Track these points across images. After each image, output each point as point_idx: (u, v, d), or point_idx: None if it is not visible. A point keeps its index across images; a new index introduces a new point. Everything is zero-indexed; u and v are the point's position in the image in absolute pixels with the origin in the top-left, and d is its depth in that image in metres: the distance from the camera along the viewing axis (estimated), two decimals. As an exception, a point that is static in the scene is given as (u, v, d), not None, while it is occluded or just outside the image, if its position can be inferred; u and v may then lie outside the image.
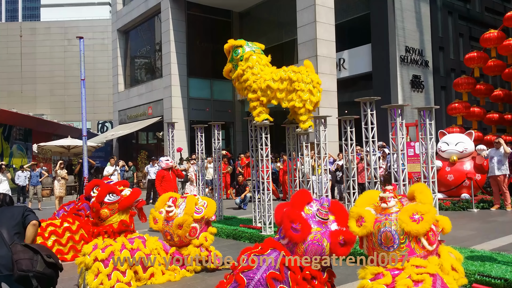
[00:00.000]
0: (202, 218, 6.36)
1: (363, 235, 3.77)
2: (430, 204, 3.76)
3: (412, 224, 3.58)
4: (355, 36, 19.24)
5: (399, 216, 3.67)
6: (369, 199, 3.98)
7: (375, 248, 3.74)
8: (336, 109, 16.85)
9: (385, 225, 3.67)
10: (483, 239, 7.55)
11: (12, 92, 57.01)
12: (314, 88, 7.92)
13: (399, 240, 3.62)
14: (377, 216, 3.78)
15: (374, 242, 3.73)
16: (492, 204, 11.38)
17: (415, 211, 3.66)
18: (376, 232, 3.71)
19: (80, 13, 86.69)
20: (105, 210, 5.98)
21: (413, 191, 3.88)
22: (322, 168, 7.91)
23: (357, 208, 3.88)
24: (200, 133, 11.01)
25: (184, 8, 24.41)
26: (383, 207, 3.79)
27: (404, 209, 3.72)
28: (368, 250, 3.83)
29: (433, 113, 7.07)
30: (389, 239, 3.63)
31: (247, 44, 8.37)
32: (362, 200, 3.98)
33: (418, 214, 3.63)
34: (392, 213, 3.75)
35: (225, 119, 24.60)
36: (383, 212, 3.79)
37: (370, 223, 3.72)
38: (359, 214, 3.81)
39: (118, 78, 30.01)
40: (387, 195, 3.84)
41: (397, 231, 3.63)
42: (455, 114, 16.47)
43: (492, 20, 21.97)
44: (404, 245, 3.62)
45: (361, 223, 3.76)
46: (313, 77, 7.95)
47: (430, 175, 6.90)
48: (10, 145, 26.19)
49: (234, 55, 8.32)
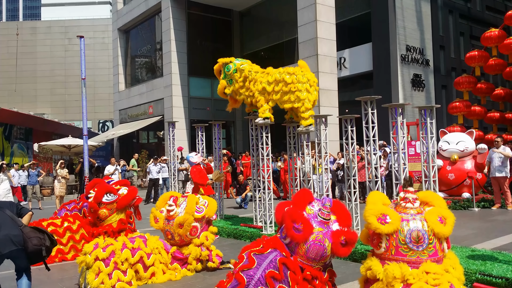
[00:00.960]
0: (203, 217, 6.36)
1: (389, 233, 3.71)
2: (449, 210, 3.87)
3: (441, 225, 3.68)
4: (356, 35, 19.22)
5: (428, 217, 3.73)
6: (378, 200, 3.95)
7: (400, 246, 3.71)
8: (336, 108, 16.84)
9: (415, 224, 3.71)
10: (484, 238, 7.54)
11: (12, 91, 57.02)
12: (311, 86, 7.94)
13: (428, 240, 3.68)
14: (401, 215, 3.79)
15: (400, 240, 3.70)
16: (493, 203, 11.36)
17: (440, 214, 3.75)
18: (403, 230, 3.71)
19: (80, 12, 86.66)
20: (103, 210, 5.99)
21: (426, 197, 3.97)
22: (322, 167, 7.90)
23: (377, 205, 3.84)
24: (200, 132, 11.00)
25: (184, 7, 24.40)
26: (408, 207, 3.83)
27: (430, 211, 3.79)
28: (388, 249, 3.76)
29: (434, 112, 7.05)
30: (420, 239, 3.67)
31: (236, 59, 8.67)
32: (374, 199, 3.95)
33: (442, 217, 3.74)
34: (415, 213, 3.80)
35: (226, 118, 24.59)
36: (405, 211, 3.83)
37: (398, 221, 3.71)
38: (380, 211, 3.77)
39: (118, 77, 30.02)
40: (412, 196, 3.89)
41: (427, 231, 3.68)
42: (456, 113, 16.46)
43: (493, 18, 21.95)
44: (432, 245, 3.69)
45: (385, 220, 3.72)
46: (309, 76, 7.97)
47: (431, 174, 6.89)
48: (11, 145, 26.20)
49: (226, 70, 8.52)
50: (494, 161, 11.16)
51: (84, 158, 12.34)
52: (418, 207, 3.86)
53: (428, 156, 6.92)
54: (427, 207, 3.90)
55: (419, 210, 3.84)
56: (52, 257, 7.26)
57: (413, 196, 3.89)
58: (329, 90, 16.69)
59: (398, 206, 3.90)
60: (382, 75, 17.68)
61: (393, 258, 3.75)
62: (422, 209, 3.89)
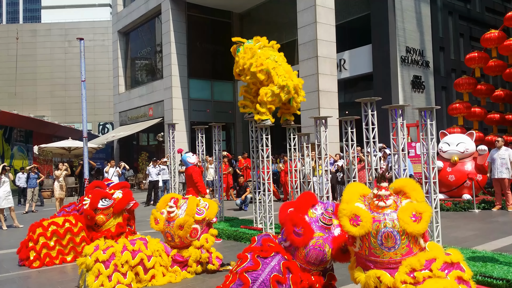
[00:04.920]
0: (203, 219, 6.35)
1: (361, 235, 3.63)
2: (425, 202, 3.73)
3: (413, 224, 3.54)
4: (356, 36, 19.23)
5: (400, 216, 3.59)
6: (355, 193, 3.85)
7: (373, 248, 3.64)
8: (336, 109, 16.84)
9: (386, 225, 3.59)
10: (484, 240, 7.53)
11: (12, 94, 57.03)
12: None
13: (400, 240, 3.57)
14: (374, 215, 3.67)
15: (373, 242, 3.62)
16: (493, 204, 11.35)
17: (414, 210, 3.61)
18: (375, 233, 3.60)
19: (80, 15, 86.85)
20: (100, 216, 5.96)
21: (403, 187, 3.80)
22: (322, 169, 7.89)
23: (349, 205, 3.73)
24: (200, 134, 11.00)
25: (184, 9, 24.43)
26: (381, 206, 3.68)
27: (403, 208, 3.65)
28: (363, 249, 3.72)
29: (434, 113, 7.04)
30: (391, 240, 3.56)
31: (248, 41, 8.67)
32: (349, 195, 3.83)
33: (417, 213, 3.59)
34: (389, 212, 3.66)
35: (226, 120, 24.61)
36: (378, 210, 3.69)
37: (368, 223, 3.61)
38: (352, 212, 3.68)
39: (118, 79, 30.04)
40: (384, 193, 3.73)
41: (399, 231, 3.57)
42: (456, 114, 16.45)
43: (492, 20, 21.96)
44: (404, 245, 3.59)
45: (357, 222, 3.63)
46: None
47: (431, 175, 6.88)
48: (11, 147, 26.18)
49: (238, 52, 8.54)
50: (496, 162, 11.15)
51: (84, 160, 12.34)
52: (392, 203, 3.71)
53: (428, 157, 6.91)
54: (404, 199, 3.76)
55: (393, 206, 3.70)
56: (53, 258, 7.26)
57: (386, 193, 3.73)
58: (329, 92, 16.69)
59: (371, 203, 3.77)
60: (382, 77, 17.69)
61: (368, 258, 3.71)
62: (398, 201, 3.74)
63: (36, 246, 7.28)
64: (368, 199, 3.83)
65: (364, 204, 3.79)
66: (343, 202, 3.79)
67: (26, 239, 7.46)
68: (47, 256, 7.24)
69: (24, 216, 14.34)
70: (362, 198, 3.85)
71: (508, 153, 11.12)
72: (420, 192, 3.75)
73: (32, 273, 6.89)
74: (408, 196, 3.75)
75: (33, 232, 7.42)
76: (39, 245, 7.28)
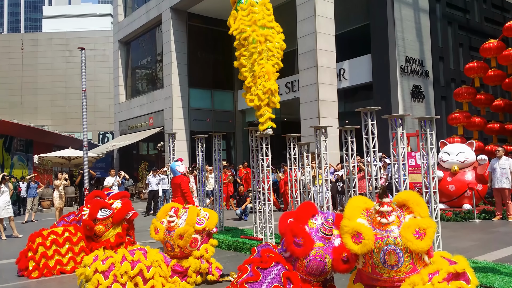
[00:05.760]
0: (204, 229, 6.33)
1: (363, 253, 3.57)
2: (429, 217, 3.66)
3: (417, 242, 3.46)
4: (355, 46, 19.31)
5: (403, 234, 3.51)
6: (357, 208, 3.79)
7: (376, 266, 3.57)
8: (336, 119, 16.86)
9: (388, 243, 3.51)
10: (485, 250, 7.50)
11: (13, 103, 57.15)
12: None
13: (404, 258, 3.50)
14: (376, 232, 3.60)
15: (376, 260, 3.55)
16: (494, 214, 11.32)
17: (417, 227, 3.53)
18: (378, 250, 3.53)
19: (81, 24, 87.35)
20: (100, 227, 5.93)
21: (406, 201, 3.72)
22: (323, 178, 7.88)
23: (351, 222, 3.66)
24: (200, 144, 11.00)
25: (185, 19, 24.57)
26: (383, 222, 3.61)
27: (406, 225, 3.56)
28: (366, 266, 3.66)
29: (434, 123, 7.06)
30: (394, 258, 3.49)
31: None
32: (351, 211, 3.76)
33: (420, 229, 3.51)
34: (391, 229, 3.59)
35: (226, 129, 24.64)
36: (381, 226, 3.62)
37: (371, 241, 3.53)
38: (354, 229, 3.61)
39: (119, 88, 30.13)
40: (386, 209, 3.66)
41: (402, 249, 3.49)
42: (456, 124, 16.46)
43: (491, 30, 22.05)
44: (408, 262, 3.51)
45: (360, 239, 3.56)
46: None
47: (432, 185, 6.87)
48: (11, 156, 26.19)
49: (238, 4, 8.47)
50: (496, 172, 11.13)
51: (84, 169, 12.33)
52: (395, 219, 3.64)
53: (429, 167, 6.91)
54: (407, 213, 3.69)
55: (396, 222, 3.64)
56: (51, 268, 7.22)
57: (388, 209, 3.67)
58: (329, 101, 16.72)
59: (374, 219, 3.71)
60: (382, 86, 17.73)
61: (372, 276, 3.65)
62: (401, 217, 3.67)
63: (35, 256, 7.25)
64: (371, 214, 3.77)
65: (367, 219, 3.73)
66: (345, 218, 3.73)
67: (25, 249, 7.44)
68: (46, 266, 7.21)
69: (24, 225, 14.30)
70: (364, 212, 3.79)
71: (509, 163, 11.10)
72: (423, 207, 3.68)
73: (31, 284, 6.85)
74: (411, 211, 3.68)
75: (32, 242, 7.39)
76: (38, 254, 7.25)
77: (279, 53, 8.41)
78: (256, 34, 8.09)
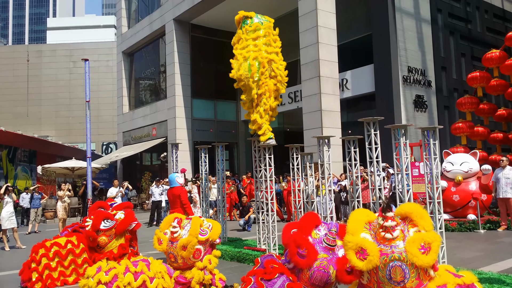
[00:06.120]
0: (207, 240, 6.30)
1: (368, 269, 3.51)
2: (433, 230, 3.62)
3: (423, 257, 3.43)
4: (358, 56, 19.36)
5: (408, 249, 3.46)
6: (359, 221, 3.74)
7: (382, 282, 3.52)
8: (339, 129, 16.86)
9: (393, 258, 3.46)
10: (490, 261, 7.44)
11: (17, 114, 57.43)
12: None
13: (410, 274, 3.45)
14: (381, 247, 3.55)
15: (381, 277, 3.50)
16: (499, 225, 11.24)
17: (422, 241, 3.48)
18: (383, 266, 3.48)
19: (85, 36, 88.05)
20: (103, 238, 5.93)
21: (410, 214, 3.67)
22: (326, 188, 7.87)
23: (355, 238, 3.61)
24: (203, 154, 11.01)
25: (188, 30, 24.74)
26: (387, 238, 3.56)
27: (411, 240, 3.51)
28: (371, 282, 3.61)
29: (437, 133, 7.05)
30: (400, 274, 3.44)
31: (256, 16, 8.60)
32: (354, 225, 3.70)
33: (425, 244, 3.47)
34: (397, 244, 3.54)
35: (229, 140, 24.65)
36: (386, 242, 3.57)
37: (376, 257, 3.47)
38: (359, 245, 3.55)
39: (122, 99, 30.27)
40: (390, 224, 3.61)
41: (407, 264, 3.44)
42: (459, 133, 16.44)
43: (493, 40, 22.09)
44: (414, 278, 3.47)
45: (364, 256, 3.50)
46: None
47: (435, 195, 6.85)
48: (15, 167, 26.25)
49: (243, 25, 8.56)
50: (501, 182, 11.08)
51: (88, 180, 12.34)
52: (399, 234, 3.59)
53: (432, 177, 6.89)
54: (411, 226, 3.64)
55: (400, 236, 3.58)
56: (54, 279, 7.20)
57: (392, 223, 3.62)
58: (332, 111, 16.74)
59: (378, 234, 3.65)
60: (385, 96, 17.74)
61: None
62: (405, 230, 3.62)
63: (38, 267, 7.23)
64: (374, 227, 3.72)
65: (370, 233, 3.68)
66: (348, 234, 3.68)
67: (28, 260, 7.42)
68: (49, 278, 7.19)
69: (27, 236, 14.29)
70: (367, 225, 3.74)
71: None
72: (427, 220, 3.63)
73: (33, 295, 6.83)
74: (415, 224, 3.64)
75: (35, 253, 7.38)
76: (42, 266, 7.24)
77: (281, 76, 8.56)
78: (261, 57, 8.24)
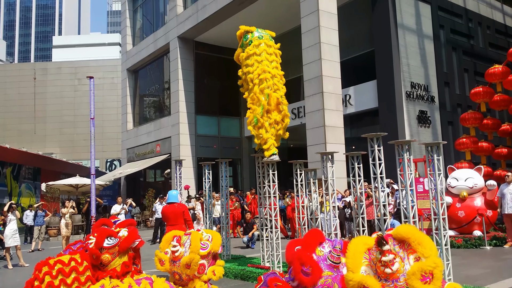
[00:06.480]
0: (209, 253, 6.23)
1: None
2: (435, 255, 3.50)
3: (425, 287, 3.37)
4: (360, 72, 19.45)
5: (410, 283, 3.40)
6: (358, 254, 3.67)
7: None
8: (343, 145, 16.85)
9: None
10: (497, 278, 7.36)
11: (23, 131, 57.71)
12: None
13: None
14: (383, 282, 3.48)
15: None
16: (505, 241, 11.13)
17: (423, 271, 3.40)
18: None
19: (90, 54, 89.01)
20: (106, 255, 5.89)
21: (408, 239, 3.59)
22: (330, 205, 7.83)
23: (356, 276, 3.53)
24: (207, 170, 11.01)
25: (192, 48, 24.98)
26: (387, 272, 3.50)
27: (411, 273, 3.44)
28: None
29: (441, 148, 7.04)
30: None
31: (257, 30, 8.78)
32: (353, 261, 3.63)
33: (426, 273, 3.40)
34: (399, 277, 3.48)
35: (233, 156, 24.67)
36: (386, 276, 3.50)
37: None
38: (361, 283, 3.46)
39: (127, 116, 30.43)
40: (388, 258, 3.54)
41: None
42: (463, 149, 16.39)
43: (496, 55, 22.16)
44: None
45: None
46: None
47: (440, 211, 6.80)
48: (19, 184, 26.30)
49: (244, 40, 8.67)
50: (506, 197, 11.00)
51: (92, 197, 12.32)
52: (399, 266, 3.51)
53: (437, 193, 6.85)
54: (410, 253, 3.58)
55: (401, 267, 3.51)
56: (57, 299, 7.14)
57: (390, 257, 3.55)
58: (335, 127, 16.75)
59: (378, 267, 3.59)
60: (388, 112, 17.76)
61: None
62: (405, 258, 3.54)
63: (41, 286, 7.17)
64: (374, 258, 3.65)
65: (370, 264, 3.61)
66: (349, 271, 3.61)
67: (31, 278, 7.36)
68: (52, 296, 7.13)
69: (30, 254, 14.24)
70: (367, 255, 3.68)
71: None
72: (426, 245, 3.56)
73: (36, 314, 6.77)
74: (414, 250, 3.58)
75: (39, 271, 7.32)
76: (45, 284, 7.17)
77: (283, 88, 8.71)
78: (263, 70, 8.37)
